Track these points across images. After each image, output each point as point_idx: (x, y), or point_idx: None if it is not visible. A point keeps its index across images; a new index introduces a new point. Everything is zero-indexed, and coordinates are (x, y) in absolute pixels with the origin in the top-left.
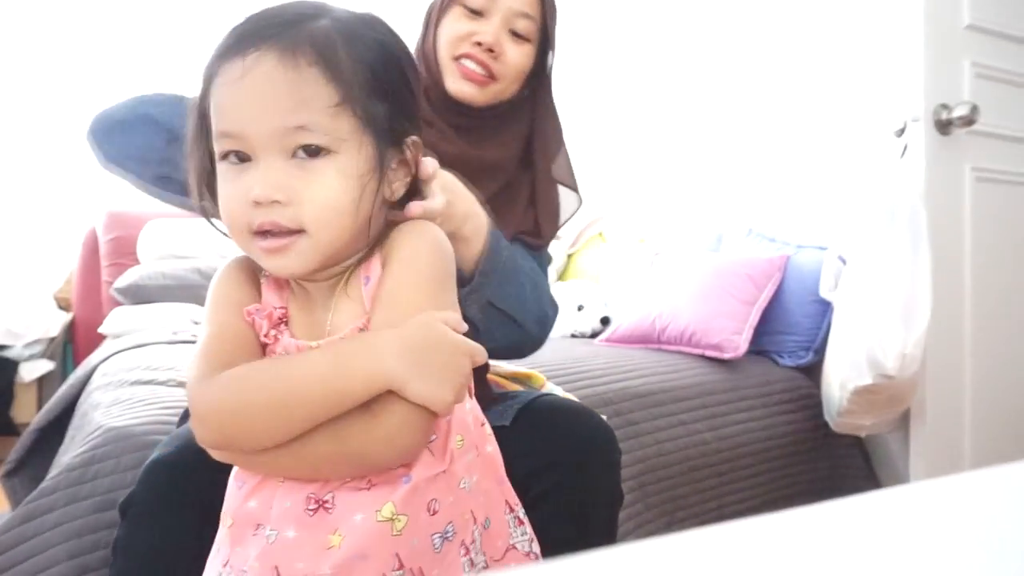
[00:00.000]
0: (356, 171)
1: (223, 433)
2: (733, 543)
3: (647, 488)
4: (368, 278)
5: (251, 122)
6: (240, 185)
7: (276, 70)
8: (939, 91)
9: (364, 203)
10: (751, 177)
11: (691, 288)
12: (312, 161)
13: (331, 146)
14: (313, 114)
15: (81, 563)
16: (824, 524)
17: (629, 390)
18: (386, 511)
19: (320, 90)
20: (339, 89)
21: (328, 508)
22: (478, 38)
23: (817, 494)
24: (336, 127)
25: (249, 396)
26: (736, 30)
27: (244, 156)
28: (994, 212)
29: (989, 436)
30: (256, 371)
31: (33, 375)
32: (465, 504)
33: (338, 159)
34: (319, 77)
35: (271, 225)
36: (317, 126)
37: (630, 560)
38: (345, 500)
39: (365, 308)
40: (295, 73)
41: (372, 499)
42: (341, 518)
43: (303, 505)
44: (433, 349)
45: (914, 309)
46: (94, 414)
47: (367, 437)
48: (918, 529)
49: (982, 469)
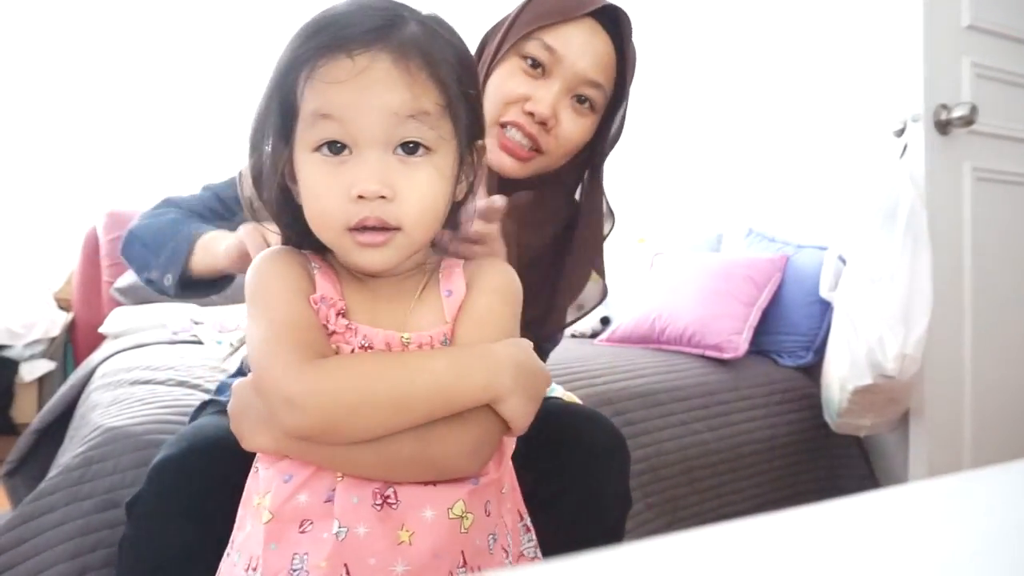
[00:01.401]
0: (449, 172)
1: (328, 421)
2: (733, 543)
3: (647, 488)
4: (451, 291)
5: (361, 110)
6: (340, 179)
7: (390, 67)
8: (939, 91)
9: (447, 203)
10: (751, 177)
11: (691, 288)
12: (412, 158)
13: (432, 144)
14: (426, 106)
15: (81, 563)
16: (824, 524)
17: (629, 390)
18: (457, 509)
19: (431, 90)
20: (443, 93)
21: (392, 503)
22: (531, 107)
23: (817, 494)
24: (440, 126)
25: (370, 387)
26: (736, 30)
27: (340, 147)
28: (994, 212)
29: (989, 436)
30: (374, 363)
31: (33, 375)
32: (503, 508)
33: (435, 158)
34: (428, 79)
35: (376, 221)
36: (427, 119)
37: (630, 560)
38: (410, 495)
39: (445, 317)
40: (408, 74)
41: (440, 496)
42: (407, 513)
43: (371, 500)
44: (531, 370)
45: (914, 309)
46: (93, 414)
47: (455, 444)
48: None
49: (982, 469)
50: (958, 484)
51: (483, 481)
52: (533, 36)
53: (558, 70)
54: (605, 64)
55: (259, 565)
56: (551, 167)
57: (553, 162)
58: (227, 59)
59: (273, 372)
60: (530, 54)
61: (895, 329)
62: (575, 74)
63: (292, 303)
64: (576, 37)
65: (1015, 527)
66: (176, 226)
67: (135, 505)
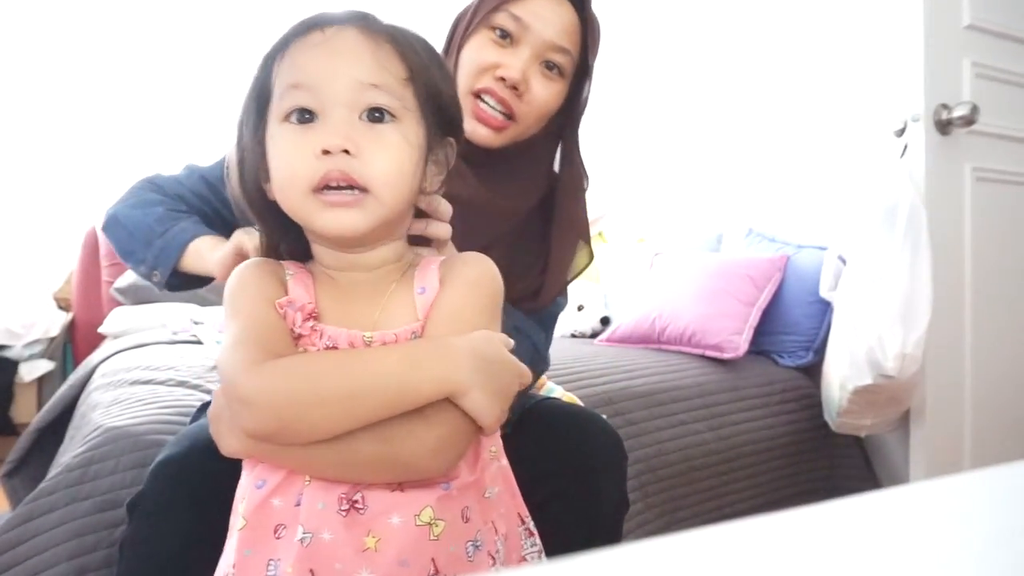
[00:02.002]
0: (416, 142)
1: (280, 420)
2: (733, 543)
3: (647, 488)
4: (424, 288)
5: (329, 76)
6: (306, 140)
7: (358, 38)
8: (939, 91)
9: (414, 174)
10: (751, 177)
11: (691, 288)
12: (379, 124)
13: (398, 112)
14: (388, 77)
15: (81, 563)
16: (824, 524)
17: (629, 390)
18: (425, 516)
19: (394, 61)
20: (408, 67)
21: (359, 508)
22: (502, 72)
23: (817, 494)
24: (405, 95)
25: (320, 384)
26: (736, 30)
27: (309, 115)
28: (994, 212)
29: (989, 436)
30: (326, 360)
31: (33, 375)
32: (489, 514)
33: (402, 126)
34: (393, 52)
35: (339, 175)
36: (390, 89)
37: (630, 560)
38: (377, 500)
39: (417, 315)
40: (374, 44)
41: (408, 502)
42: (375, 519)
43: (336, 505)
44: (496, 364)
45: (914, 309)
46: (94, 414)
47: (417, 444)
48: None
49: (982, 469)
50: (958, 484)
51: (456, 485)
52: (501, 8)
53: (526, 38)
54: (570, 31)
55: (232, 573)
56: (525, 135)
57: (526, 130)
58: (227, 59)
59: (231, 374)
60: (499, 25)
61: (895, 329)
62: (543, 41)
63: (257, 309)
64: (541, 7)
65: (1015, 527)
66: (165, 223)
67: (136, 505)
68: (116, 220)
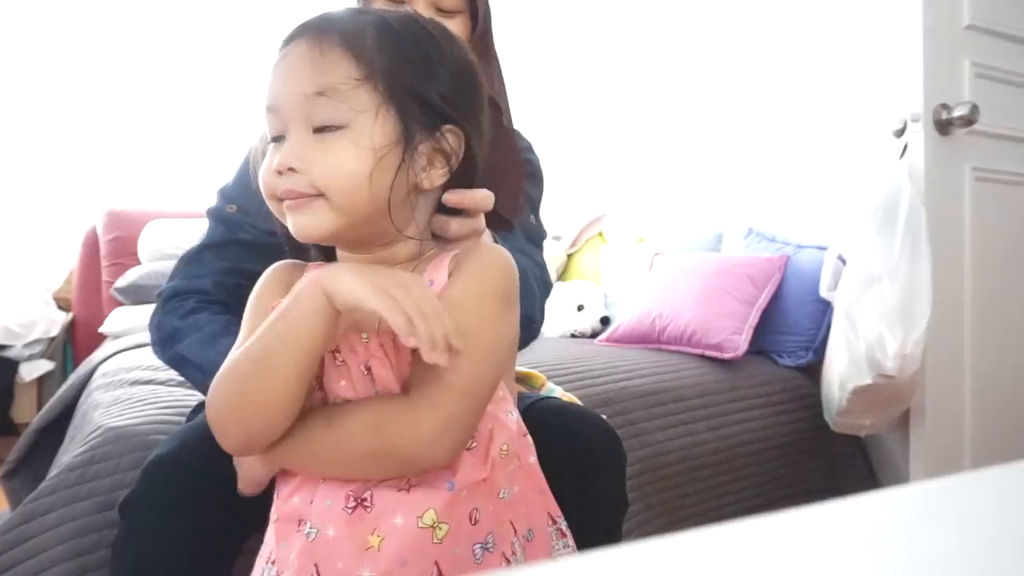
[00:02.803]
0: (370, 143)
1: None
2: (733, 543)
3: (647, 488)
4: (432, 282)
5: (281, 94)
6: (271, 159)
7: (305, 50)
8: (939, 91)
9: (380, 175)
10: (751, 177)
11: (691, 288)
12: (329, 135)
13: (346, 119)
14: (331, 81)
15: (81, 563)
16: (824, 524)
17: (629, 390)
18: (428, 518)
19: (341, 64)
20: (360, 65)
21: (367, 506)
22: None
23: (817, 494)
24: (353, 97)
25: (230, 377)
26: (736, 30)
27: (280, 137)
28: (994, 212)
29: (989, 436)
30: (235, 358)
31: (33, 375)
32: (504, 514)
33: (351, 132)
34: (341, 55)
35: (285, 192)
36: (335, 94)
37: (630, 560)
38: (385, 499)
39: None
40: (319, 53)
41: (413, 503)
42: (380, 518)
43: (343, 503)
44: (385, 275)
45: (914, 309)
46: (94, 414)
47: (412, 435)
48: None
49: (982, 469)
50: (958, 484)
51: (461, 486)
52: None
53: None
54: None
55: (274, 558)
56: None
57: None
58: (226, 59)
59: None
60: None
61: (895, 329)
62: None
63: (252, 320)
64: None
65: (1015, 527)
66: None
67: (128, 505)
68: (186, 360)
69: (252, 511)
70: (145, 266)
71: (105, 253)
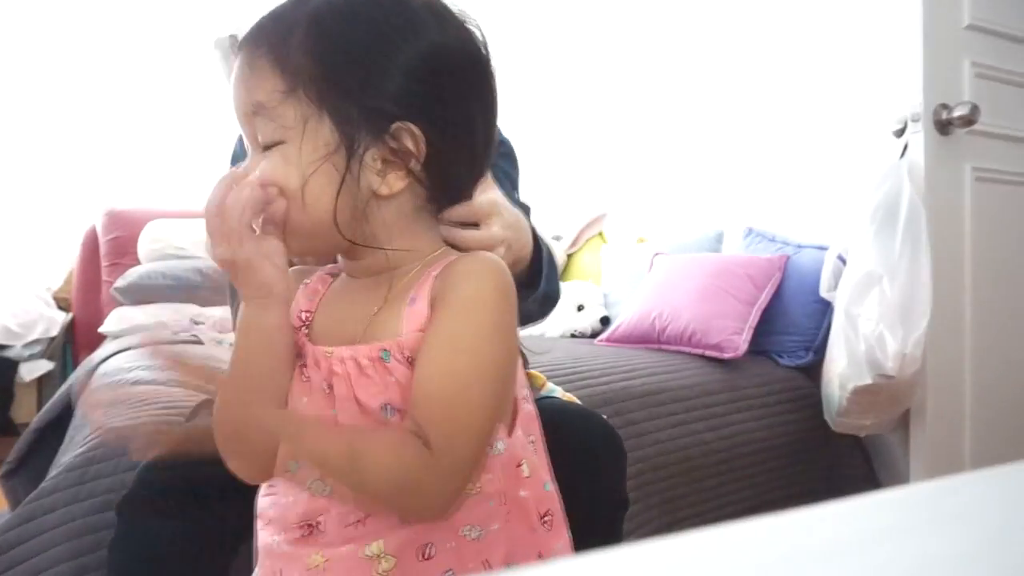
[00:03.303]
0: (298, 159)
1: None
2: (733, 543)
3: (647, 488)
4: (415, 298)
5: (235, 113)
6: None
7: (242, 63)
8: (939, 91)
9: (318, 190)
10: (751, 177)
11: (691, 288)
12: (267, 152)
13: (279, 135)
14: (260, 99)
15: (81, 563)
16: (824, 524)
17: (629, 390)
18: (374, 548)
19: (267, 79)
20: (285, 77)
21: (320, 530)
22: None
23: (817, 494)
24: (282, 114)
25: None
26: (736, 30)
27: None
28: (994, 212)
29: (989, 436)
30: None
31: (33, 375)
32: (471, 551)
33: (284, 148)
34: (266, 67)
35: None
36: (265, 111)
37: (630, 560)
38: (335, 525)
39: (400, 328)
40: (248, 67)
41: (363, 532)
42: (329, 543)
43: (297, 529)
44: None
45: (914, 309)
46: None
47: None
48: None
49: (982, 469)
50: (958, 484)
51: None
52: None
53: None
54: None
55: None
56: None
57: None
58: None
59: None
60: None
61: (895, 329)
62: None
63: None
64: None
65: (1015, 527)
66: None
67: (123, 506)
68: None
69: (249, 512)
70: (145, 266)
71: (105, 253)
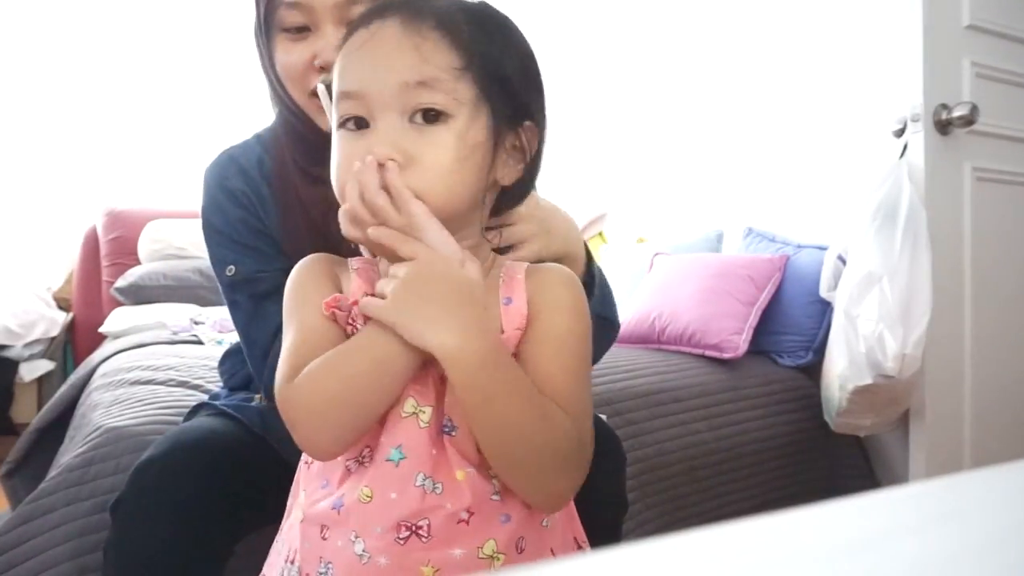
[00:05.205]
0: (473, 139)
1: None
2: (733, 543)
3: (647, 488)
4: (511, 299)
5: (373, 81)
6: (357, 148)
7: (400, 33)
8: (939, 91)
9: (473, 173)
10: (751, 177)
11: (691, 288)
12: (428, 126)
13: (449, 109)
14: (436, 71)
15: (81, 563)
16: (824, 524)
17: (629, 390)
18: (488, 548)
19: (443, 53)
20: (461, 55)
21: (423, 537)
22: (320, 61)
23: (817, 494)
24: (457, 89)
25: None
26: (736, 30)
27: (362, 122)
28: (994, 212)
29: (989, 436)
30: (325, 360)
31: (33, 375)
32: (546, 542)
33: (457, 123)
34: (440, 41)
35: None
36: (439, 84)
37: (630, 560)
38: (442, 531)
39: (501, 326)
40: (418, 37)
41: (472, 534)
42: (435, 549)
43: (394, 533)
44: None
45: (914, 309)
46: (94, 414)
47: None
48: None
49: (982, 469)
50: (958, 484)
51: (515, 518)
52: (280, 6)
53: (318, 14)
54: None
55: (296, 559)
56: None
57: None
58: (226, 58)
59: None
60: (288, 24)
61: (895, 329)
62: (332, 5)
63: (305, 317)
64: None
65: (1015, 527)
66: None
67: (118, 507)
68: None
69: (245, 513)
70: (145, 266)
71: (105, 253)
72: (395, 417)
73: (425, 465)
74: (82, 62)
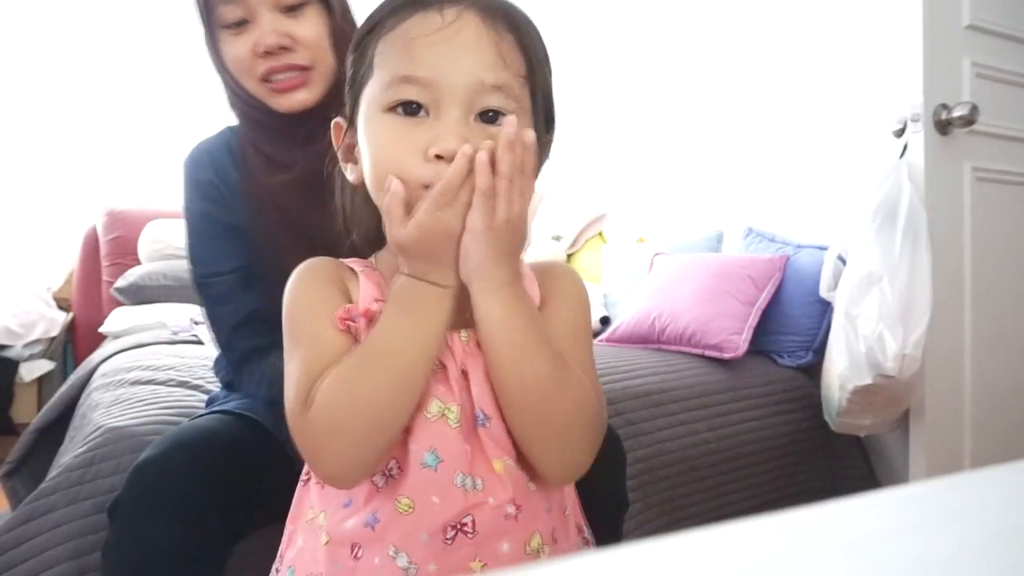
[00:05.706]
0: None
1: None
2: (733, 543)
3: (647, 488)
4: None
5: (449, 73)
6: (414, 137)
7: (480, 27)
8: (939, 91)
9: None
10: (751, 177)
11: (691, 288)
12: (491, 128)
13: (514, 114)
14: (510, 77)
15: (81, 563)
16: (824, 524)
17: (629, 390)
18: (535, 543)
19: (516, 56)
20: (526, 62)
21: (468, 533)
22: (261, 48)
23: (817, 494)
24: (521, 96)
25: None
26: (736, 30)
27: (416, 108)
28: (994, 212)
29: (989, 436)
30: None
31: (33, 375)
32: (571, 529)
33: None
34: (515, 43)
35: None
36: (510, 91)
37: (630, 560)
38: (488, 526)
39: None
40: (496, 35)
41: (519, 529)
42: (483, 545)
43: (442, 535)
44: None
45: (914, 309)
46: (94, 414)
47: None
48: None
49: (982, 469)
50: (958, 484)
51: (553, 508)
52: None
53: (254, 11)
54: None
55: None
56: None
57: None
58: None
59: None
60: (228, 21)
61: (895, 329)
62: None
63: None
64: None
65: (1015, 527)
66: None
67: (116, 508)
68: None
69: (245, 513)
70: (145, 266)
71: (105, 253)
72: (421, 421)
73: (463, 464)
74: (82, 62)
